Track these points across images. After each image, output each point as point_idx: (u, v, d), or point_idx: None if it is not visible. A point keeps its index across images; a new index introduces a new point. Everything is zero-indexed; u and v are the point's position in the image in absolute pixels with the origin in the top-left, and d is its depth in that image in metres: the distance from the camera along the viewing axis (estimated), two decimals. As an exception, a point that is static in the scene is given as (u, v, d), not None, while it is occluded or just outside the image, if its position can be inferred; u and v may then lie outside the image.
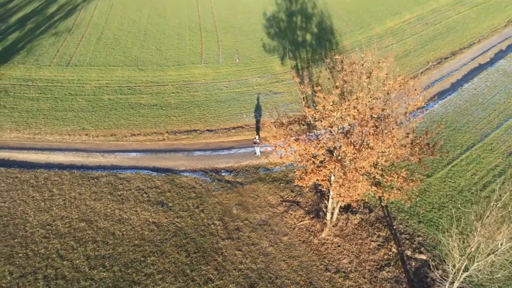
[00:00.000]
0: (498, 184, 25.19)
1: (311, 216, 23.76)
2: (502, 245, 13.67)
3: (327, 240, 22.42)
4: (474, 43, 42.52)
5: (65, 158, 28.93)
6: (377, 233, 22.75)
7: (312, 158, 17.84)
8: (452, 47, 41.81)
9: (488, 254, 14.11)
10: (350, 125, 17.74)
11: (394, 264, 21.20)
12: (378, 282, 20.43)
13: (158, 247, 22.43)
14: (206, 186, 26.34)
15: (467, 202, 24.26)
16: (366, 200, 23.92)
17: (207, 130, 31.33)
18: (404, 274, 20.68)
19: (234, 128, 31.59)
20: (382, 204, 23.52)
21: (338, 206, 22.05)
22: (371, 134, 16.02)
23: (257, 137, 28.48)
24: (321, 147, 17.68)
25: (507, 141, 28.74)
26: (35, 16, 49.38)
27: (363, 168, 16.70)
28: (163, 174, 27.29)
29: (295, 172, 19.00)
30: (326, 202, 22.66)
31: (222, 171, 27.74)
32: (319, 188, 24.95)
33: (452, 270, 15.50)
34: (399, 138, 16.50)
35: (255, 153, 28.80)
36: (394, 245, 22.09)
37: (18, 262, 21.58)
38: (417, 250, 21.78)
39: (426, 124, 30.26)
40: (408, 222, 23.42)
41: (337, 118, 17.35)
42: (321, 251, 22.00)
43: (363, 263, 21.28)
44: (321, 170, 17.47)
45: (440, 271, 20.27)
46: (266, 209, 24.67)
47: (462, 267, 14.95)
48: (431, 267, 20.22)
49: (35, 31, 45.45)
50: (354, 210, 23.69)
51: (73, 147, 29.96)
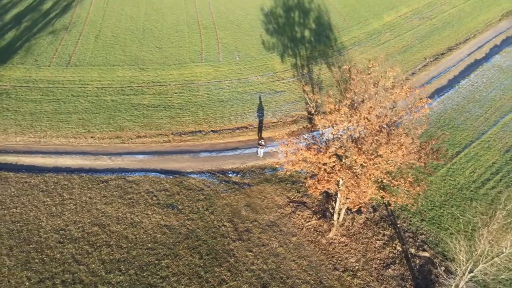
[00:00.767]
0: (497, 183, 26.24)
1: (318, 216, 24.61)
2: (506, 249, 14.63)
3: (335, 239, 23.32)
4: (469, 38, 43.28)
5: (72, 161, 29.25)
6: (382, 232, 23.70)
7: (323, 166, 18.54)
8: (448, 43, 42.54)
9: (492, 257, 15.09)
10: (359, 132, 18.41)
11: (399, 262, 22.22)
12: (384, 280, 21.44)
13: (171, 250, 23.13)
14: (214, 188, 26.98)
15: (467, 200, 25.30)
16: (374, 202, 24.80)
17: (212, 131, 31.81)
18: (409, 272, 21.71)
19: (238, 128, 32.12)
20: (386, 203, 24.41)
21: (345, 207, 22.87)
22: (384, 144, 16.73)
23: (262, 140, 28.98)
24: (331, 155, 18.36)
25: (504, 138, 29.75)
26: (31, 13, 48.76)
27: (374, 175, 17.46)
28: (171, 176, 27.84)
29: (305, 178, 19.67)
30: (333, 203, 23.47)
31: (229, 172, 28.37)
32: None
33: (459, 272, 16.49)
34: (407, 146, 17.24)
35: (257, 154, 29.40)
36: (398, 243, 23.08)
37: (35, 268, 22.14)
38: (420, 248, 22.80)
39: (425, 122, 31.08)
40: (411, 221, 24.40)
41: (348, 128, 18.01)
42: (329, 251, 22.91)
43: (370, 262, 22.26)
44: (332, 177, 18.20)
45: (443, 268, 21.35)
46: (274, 210, 25.45)
47: (468, 269, 15.93)
48: (435, 264, 21.25)
49: (32, 29, 45.02)
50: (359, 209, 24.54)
51: (79, 150, 30.27)
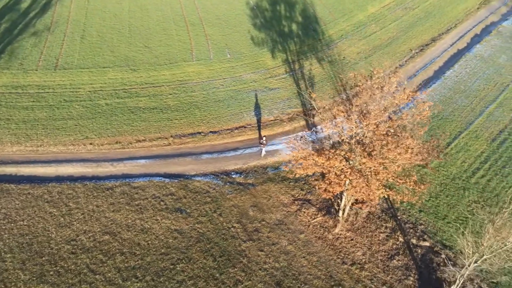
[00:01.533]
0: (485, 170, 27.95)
1: (323, 213, 25.70)
2: (509, 242, 16.05)
3: (341, 235, 24.50)
4: (451, 28, 44.79)
5: (74, 169, 29.19)
6: (384, 224, 25.03)
7: (333, 169, 19.45)
8: (431, 33, 43.92)
9: (496, 250, 16.53)
10: (367, 137, 19.34)
11: (403, 252, 23.64)
12: (390, 270, 22.84)
13: (184, 254, 23.77)
14: (220, 190, 27.62)
15: (460, 190, 26.91)
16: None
17: (211, 132, 32.22)
18: (412, 261, 23.17)
19: (236, 128, 32.63)
20: (388, 199, 25.67)
21: (349, 203, 23.99)
22: (393, 148, 17.73)
23: (264, 138, 29.61)
24: (342, 159, 19.27)
25: (490, 127, 31.47)
26: (8, 13, 47.07)
27: (385, 178, 18.51)
28: (176, 180, 28.27)
29: (316, 181, 20.55)
30: (338, 201, 24.55)
31: (232, 173, 29.00)
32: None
33: (466, 263, 17.94)
34: (413, 148, 18.33)
35: (261, 153, 30.09)
36: (400, 234, 24.48)
37: (51, 280, 22.39)
38: (421, 238, 24.28)
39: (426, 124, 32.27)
40: (410, 212, 25.82)
41: (357, 134, 18.90)
42: (336, 246, 24.10)
43: (375, 254, 23.59)
44: (342, 180, 19.16)
45: (443, 255, 22.91)
46: (280, 208, 26.37)
47: (473, 260, 17.39)
48: (436, 253, 22.76)
49: (13, 31, 43.62)
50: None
51: (79, 157, 30.18)
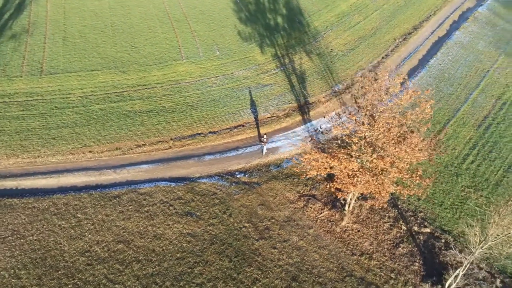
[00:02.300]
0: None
1: (329, 207, 26.85)
2: (512, 231, 17.74)
3: (347, 227, 25.77)
4: (431, 15, 46.31)
5: (76, 179, 29.00)
6: (387, 214, 26.47)
7: (347, 171, 20.44)
8: (413, 21, 45.29)
9: (500, 237, 18.15)
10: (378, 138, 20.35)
11: (407, 240, 25.20)
12: (397, 258, 24.36)
13: (200, 257, 24.44)
14: (226, 191, 28.24)
15: (453, 176, 28.65)
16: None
17: (210, 132, 32.56)
18: (416, 248, 24.76)
19: (235, 127, 33.08)
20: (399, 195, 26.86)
21: (355, 197, 25.21)
22: (403, 149, 18.82)
23: (265, 136, 30.21)
24: (353, 160, 20.24)
25: (475, 114, 33.31)
26: (-19, 15, 45.05)
27: (396, 176, 19.68)
28: (182, 184, 28.64)
29: (327, 185, 21.46)
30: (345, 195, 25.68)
31: (237, 173, 29.63)
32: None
33: (473, 250, 19.56)
34: (422, 147, 19.52)
35: (262, 151, 30.77)
36: (403, 223, 26.00)
37: (71, 294, 22.63)
38: (422, 225, 25.89)
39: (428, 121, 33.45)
40: (409, 201, 27.35)
41: (370, 137, 19.85)
42: (344, 238, 25.38)
43: (382, 243, 25.04)
44: (354, 180, 20.19)
45: (443, 241, 24.61)
46: (287, 205, 27.33)
47: (479, 246, 19.02)
48: (436, 238, 24.42)
49: (-12, 35, 41.90)
50: (365, 196, 27.06)
51: (80, 166, 29.94)
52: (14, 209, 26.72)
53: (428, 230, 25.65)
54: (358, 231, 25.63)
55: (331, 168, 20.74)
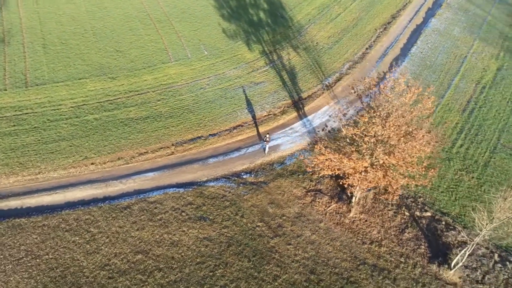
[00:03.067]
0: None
1: (336, 200, 28.17)
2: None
3: (355, 218, 27.21)
4: (407, 4, 48.02)
5: (83, 193, 28.82)
6: (390, 202, 28.08)
7: (360, 168, 21.65)
8: (390, 11, 46.83)
9: (504, 219, 20.05)
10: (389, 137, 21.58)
11: (411, 225, 26.94)
12: (404, 243, 26.09)
13: (219, 259, 25.22)
14: (235, 192, 28.97)
15: (445, 160, 30.59)
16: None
17: (210, 135, 32.95)
18: (420, 232, 26.56)
19: (234, 128, 33.61)
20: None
21: (361, 189, 26.59)
22: (413, 145, 20.17)
23: (267, 135, 30.92)
24: (366, 159, 21.45)
25: (459, 99, 35.37)
26: (-51, 26, 42.74)
27: (407, 170, 21.09)
28: (190, 189, 29.09)
29: (345, 183, 22.60)
30: (352, 188, 27.01)
31: (242, 174, 30.35)
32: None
33: (479, 231, 21.45)
34: (427, 140, 20.96)
35: (265, 150, 31.56)
36: (405, 209, 27.71)
37: (98, 308, 22.93)
38: (422, 210, 27.71)
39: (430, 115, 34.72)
40: (408, 187, 29.07)
41: (382, 136, 21.05)
42: (353, 228, 26.82)
43: (388, 230, 26.67)
44: (367, 176, 21.45)
45: (444, 222, 26.53)
46: (296, 202, 28.42)
47: (486, 228, 20.90)
48: (437, 221, 26.30)
49: (-38, 47, 39.96)
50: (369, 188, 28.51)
51: (84, 179, 29.73)
52: (24, 229, 26.40)
53: (429, 214, 27.50)
54: (366, 221, 27.13)
55: (346, 167, 21.89)
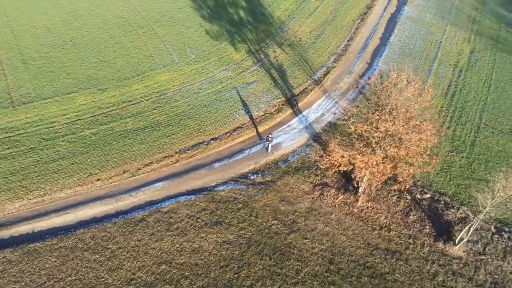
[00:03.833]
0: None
1: (342, 191, 29.68)
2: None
3: (363, 206, 28.87)
4: (379, -7, 49.78)
5: (94, 210, 28.73)
6: (392, 188, 29.91)
7: (374, 162, 23.08)
8: (365, 1, 48.45)
9: (506, 198, 22.26)
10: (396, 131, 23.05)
11: (414, 208, 28.92)
12: (410, 225, 28.03)
13: (242, 261, 26.17)
14: (246, 194, 29.84)
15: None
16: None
17: (212, 139, 33.45)
18: (423, 213, 28.60)
19: (234, 130, 34.27)
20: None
21: (367, 180, 28.20)
22: (424, 139, 21.78)
23: (270, 134, 31.80)
24: (379, 153, 22.87)
25: (440, 84, 37.65)
26: None
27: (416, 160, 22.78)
28: (201, 195, 29.68)
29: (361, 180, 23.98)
30: (358, 179, 28.58)
31: (249, 175, 31.21)
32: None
33: (482, 210, 23.59)
34: (432, 131, 22.66)
35: (268, 149, 32.50)
36: (407, 193, 29.65)
37: (131, 323, 23.35)
38: (422, 192, 29.75)
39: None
40: (414, 175, 30.93)
41: (392, 131, 22.48)
42: (363, 217, 28.48)
43: (395, 215, 28.52)
44: (379, 169, 22.94)
45: (442, 202, 28.70)
46: (305, 197, 29.69)
47: (490, 205, 23.07)
48: (437, 201, 28.43)
49: None
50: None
51: (93, 196, 29.59)
52: (40, 253, 26.17)
53: (428, 195, 29.59)
54: (373, 208, 28.85)
55: (360, 162, 23.28)
